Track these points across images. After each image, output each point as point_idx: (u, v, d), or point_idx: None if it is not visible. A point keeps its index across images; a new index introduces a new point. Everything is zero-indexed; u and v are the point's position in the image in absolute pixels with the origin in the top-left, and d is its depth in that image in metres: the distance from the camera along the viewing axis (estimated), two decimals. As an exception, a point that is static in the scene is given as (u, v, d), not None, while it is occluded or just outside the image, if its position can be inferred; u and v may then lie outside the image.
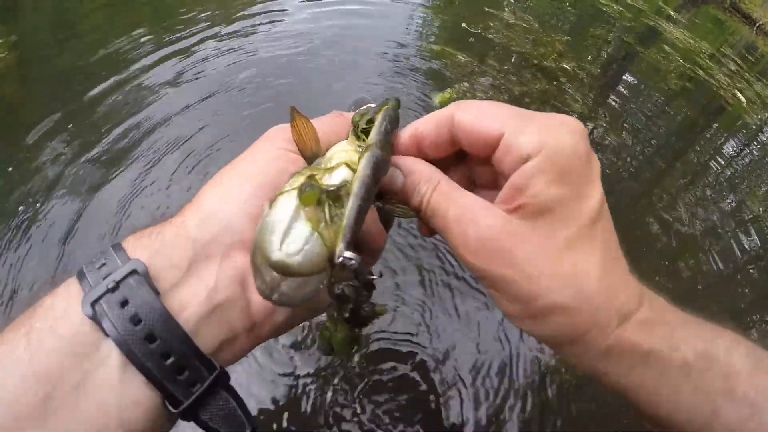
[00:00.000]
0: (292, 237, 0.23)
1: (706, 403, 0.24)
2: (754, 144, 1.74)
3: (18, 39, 1.19)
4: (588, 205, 0.24)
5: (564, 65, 1.60)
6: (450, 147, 0.28)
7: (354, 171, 0.26)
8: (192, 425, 0.25)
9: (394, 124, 0.30)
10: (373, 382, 0.67)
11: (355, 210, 0.23)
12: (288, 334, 0.66)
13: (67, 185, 0.84)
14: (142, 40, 1.24)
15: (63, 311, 0.22)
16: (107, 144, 0.93)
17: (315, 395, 0.64)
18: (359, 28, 1.47)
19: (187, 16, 1.40)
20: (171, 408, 0.23)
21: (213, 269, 0.25)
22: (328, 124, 0.31)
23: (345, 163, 0.28)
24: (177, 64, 1.17)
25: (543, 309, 0.24)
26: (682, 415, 0.25)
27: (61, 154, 0.89)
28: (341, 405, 0.64)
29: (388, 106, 0.30)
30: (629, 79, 1.79)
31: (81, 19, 1.37)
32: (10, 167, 0.85)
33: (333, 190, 0.24)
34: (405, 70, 1.33)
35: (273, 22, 1.42)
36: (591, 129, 1.37)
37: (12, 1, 1.37)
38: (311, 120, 0.30)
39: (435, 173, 0.27)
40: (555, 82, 1.49)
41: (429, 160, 0.29)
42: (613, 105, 1.55)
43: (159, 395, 0.23)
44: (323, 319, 0.29)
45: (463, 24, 1.69)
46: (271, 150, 0.29)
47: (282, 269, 0.22)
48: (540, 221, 0.24)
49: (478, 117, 0.26)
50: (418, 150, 0.29)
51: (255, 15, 1.44)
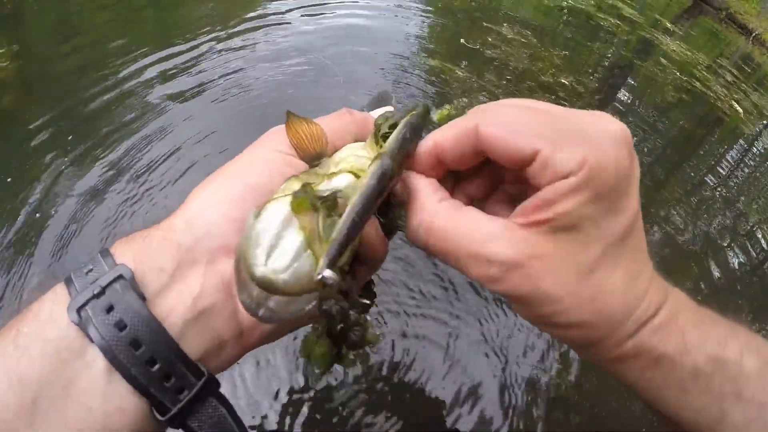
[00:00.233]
0: (279, 251, 0.21)
1: (713, 404, 0.25)
2: (751, 153, 1.76)
3: (20, 49, 1.20)
4: (619, 222, 0.23)
5: (562, 80, 1.63)
6: (475, 159, 0.26)
7: (358, 179, 0.24)
8: (182, 432, 0.24)
9: (416, 133, 0.27)
10: (377, 390, 0.68)
11: (348, 225, 0.21)
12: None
13: (66, 193, 0.85)
14: (143, 50, 1.25)
15: (49, 316, 0.22)
16: (107, 152, 0.94)
17: (316, 404, 0.65)
18: (357, 42, 1.49)
19: (190, 26, 1.42)
20: (158, 415, 0.23)
21: (198, 274, 0.24)
22: (333, 123, 0.30)
23: (350, 171, 0.26)
24: (179, 74, 1.19)
25: (562, 324, 0.24)
26: (689, 414, 0.25)
27: (61, 163, 0.90)
28: (340, 415, 0.65)
29: (414, 112, 0.28)
30: (627, 92, 1.81)
31: (83, 30, 1.39)
32: (9, 178, 0.86)
33: (329, 198, 0.22)
34: (403, 85, 1.35)
35: (272, 34, 1.44)
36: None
37: (14, 11, 1.38)
38: (315, 120, 0.29)
39: (435, 205, 0.25)
40: (553, 96, 1.52)
41: (452, 170, 0.27)
42: (611, 118, 1.56)
43: (146, 402, 0.22)
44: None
45: (462, 39, 1.72)
46: (266, 151, 0.28)
47: (266, 286, 0.21)
48: (563, 237, 0.23)
49: (508, 133, 0.23)
50: (438, 163, 0.27)
51: (257, 28, 1.46)
